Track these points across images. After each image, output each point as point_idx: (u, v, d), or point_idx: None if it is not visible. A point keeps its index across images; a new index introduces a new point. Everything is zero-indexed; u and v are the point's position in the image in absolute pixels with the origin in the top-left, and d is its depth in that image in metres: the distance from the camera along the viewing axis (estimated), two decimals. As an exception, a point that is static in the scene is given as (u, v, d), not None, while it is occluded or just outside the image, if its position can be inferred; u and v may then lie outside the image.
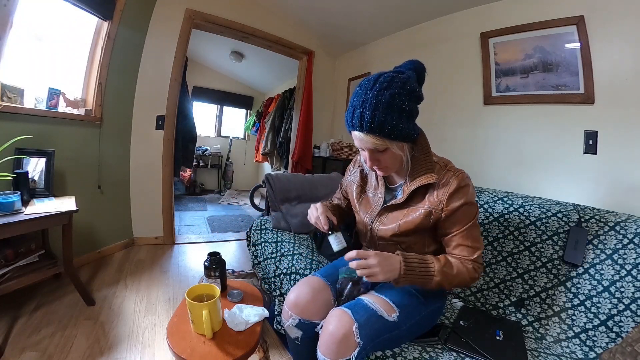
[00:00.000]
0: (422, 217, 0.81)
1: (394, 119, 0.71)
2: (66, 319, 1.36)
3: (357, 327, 0.72)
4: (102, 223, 2.05)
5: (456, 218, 0.80)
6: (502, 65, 1.72)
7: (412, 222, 0.82)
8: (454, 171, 0.81)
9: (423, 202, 0.81)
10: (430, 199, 0.80)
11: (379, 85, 0.71)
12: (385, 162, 0.80)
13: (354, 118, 0.73)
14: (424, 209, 0.81)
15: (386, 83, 0.71)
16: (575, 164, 1.43)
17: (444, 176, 0.81)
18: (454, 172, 0.81)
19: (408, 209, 0.84)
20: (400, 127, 0.72)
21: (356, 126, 0.73)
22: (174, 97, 2.34)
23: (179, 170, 2.84)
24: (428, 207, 0.80)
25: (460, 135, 1.94)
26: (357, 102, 0.73)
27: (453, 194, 0.78)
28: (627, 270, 0.93)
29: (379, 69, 2.62)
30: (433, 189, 0.81)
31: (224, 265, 1.04)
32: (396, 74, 0.75)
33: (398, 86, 0.71)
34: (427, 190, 0.82)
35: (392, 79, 0.72)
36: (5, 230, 1.13)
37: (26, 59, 1.60)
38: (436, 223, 0.82)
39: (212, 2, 2.37)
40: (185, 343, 0.79)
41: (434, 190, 0.80)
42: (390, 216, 0.87)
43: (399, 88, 0.71)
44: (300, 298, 0.88)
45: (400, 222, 0.83)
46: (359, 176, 0.99)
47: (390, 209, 0.87)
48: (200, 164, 4.88)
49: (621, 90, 1.29)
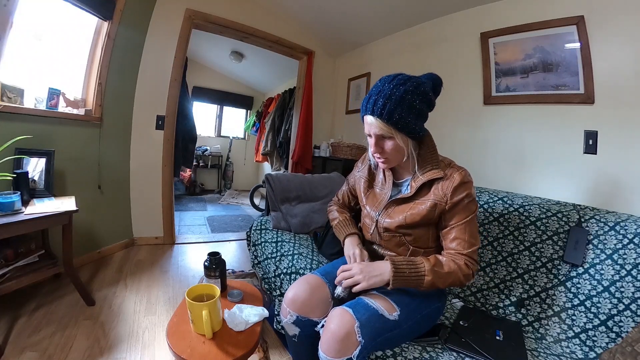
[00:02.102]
0: (428, 209, 0.85)
1: (403, 112, 0.78)
2: (66, 319, 1.36)
3: (359, 325, 0.73)
4: (102, 223, 2.05)
5: (457, 211, 0.84)
6: (502, 65, 1.72)
7: (419, 214, 0.86)
8: (457, 168, 0.87)
9: (429, 196, 0.86)
10: (435, 192, 0.85)
11: (397, 81, 0.80)
12: (388, 151, 0.84)
13: (369, 103, 0.81)
14: (430, 201, 0.85)
15: (403, 80, 0.79)
16: (575, 164, 1.43)
17: (448, 172, 0.86)
18: (457, 168, 0.87)
19: (414, 202, 0.88)
20: (407, 120, 0.79)
21: (369, 110, 0.81)
22: (174, 97, 2.34)
23: (179, 170, 2.84)
24: (433, 200, 0.85)
25: (460, 135, 1.94)
26: (375, 91, 0.81)
27: (457, 187, 0.83)
28: (627, 270, 0.93)
29: (379, 69, 2.66)
30: (438, 183, 0.86)
31: (224, 265, 1.04)
32: (414, 77, 0.83)
33: (412, 85, 0.79)
34: (432, 184, 0.87)
35: (409, 79, 0.80)
36: (5, 230, 1.13)
37: (26, 59, 1.60)
38: (440, 216, 0.86)
39: (212, 2, 2.37)
40: (185, 343, 0.79)
41: (439, 184, 0.85)
42: (397, 209, 0.90)
43: (413, 87, 0.79)
44: (298, 295, 0.90)
45: (407, 214, 0.88)
46: (367, 172, 1.03)
47: (397, 203, 0.91)
48: (200, 164, 4.88)
49: (621, 90, 1.29)
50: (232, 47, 3.87)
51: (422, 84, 0.81)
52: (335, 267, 0.99)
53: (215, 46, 3.92)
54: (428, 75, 0.87)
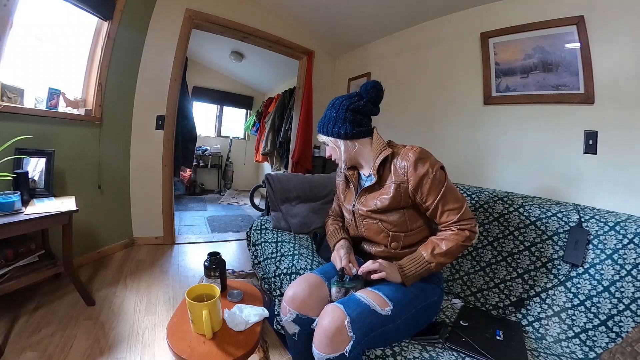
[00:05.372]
0: (394, 191, 0.92)
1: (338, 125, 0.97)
2: (66, 319, 1.36)
3: (349, 321, 0.75)
4: (102, 223, 2.05)
5: (427, 188, 0.89)
6: (502, 65, 1.72)
7: (387, 198, 0.93)
8: (411, 147, 0.94)
9: (391, 178, 0.94)
10: (395, 174, 0.93)
11: (331, 105, 1.00)
12: (340, 154, 1.01)
13: (319, 125, 1.03)
14: (393, 183, 0.93)
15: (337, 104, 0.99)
16: (575, 164, 1.43)
17: (401, 151, 0.94)
18: (412, 147, 0.94)
19: (382, 188, 0.96)
20: (336, 129, 0.97)
21: (319, 130, 1.04)
22: (174, 97, 2.34)
23: (179, 170, 2.84)
24: (396, 181, 0.93)
25: (460, 135, 1.94)
26: (323, 116, 1.03)
27: (414, 163, 0.89)
28: (627, 270, 0.93)
29: (378, 69, 2.67)
30: (394, 165, 0.94)
31: (224, 265, 1.04)
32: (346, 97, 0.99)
33: (344, 105, 0.97)
34: (392, 168, 0.95)
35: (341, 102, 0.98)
36: (5, 230, 1.13)
37: (26, 59, 1.60)
38: (409, 197, 0.92)
39: (212, 2, 2.37)
40: (185, 343, 0.79)
41: (395, 165, 0.94)
42: (369, 197, 0.99)
43: (343, 107, 0.97)
44: (298, 293, 0.91)
45: (377, 199, 0.95)
46: (344, 176, 1.13)
47: (367, 191, 1.00)
48: (200, 164, 4.88)
49: (621, 90, 1.29)
50: (232, 47, 3.87)
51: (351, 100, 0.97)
52: (334, 267, 1.00)
53: (215, 46, 3.92)
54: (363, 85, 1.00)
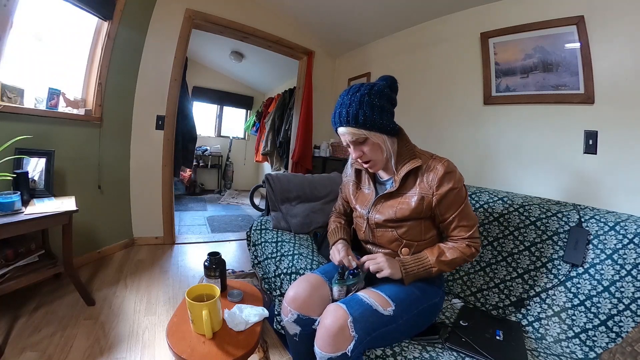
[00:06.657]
0: (417, 203, 0.88)
1: (366, 112, 0.84)
2: (66, 319, 1.36)
3: (352, 320, 0.75)
4: (102, 223, 2.05)
5: (448, 203, 0.87)
6: (502, 65, 1.72)
7: (408, 209, 0.89)
8: (439, 159, 0.90)
9: (415, 189, 0.90)
10: (421, 185, 0.89)
11: (352, 90, 0.88)
12: (368, 153, 0.89)
13: (336, 117, 0.88)
14: (417, 194, 0.89)
15: (357, 88, 0.87)
16: (575, 164, 1.43)
17: (430, 163, 0.89)
18: (440, 159, 0.90)
19: (402, 196, 0.91)
20: (373, 118, 0.84)
21: (338, 123, 0.88)
22: (174, 97, 2.34)
23: (179, 170, 2.84)
24: (420, 193, 0.89)
25: (460, 135, 1.94)
26: (338, 105, 0.89)
27: (442, 178, 0.86)
28: (627, 270, 0.93)
29: (379, 69, 2.66)
30: (422, 176, 0.89)
31: (224, 265, 1.04)
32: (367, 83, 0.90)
33: (367, 89, 0.86)
34: (417, 178, 0.90)
35: (362, 85, 0.88)
36: (5, 230, 1.13)
37: (26, 59, 1.60)
38: (431, 209, 0.89)
39: (212, 2, 2.37)
40: (185, 343, 0.79)
41: (422, 177, 0.89)
42: (386, 205, 0.94)
43: (367, 89, 0.86)
44: (299, 294, 0.91)
45: (397, 208, 0.91)
46: (354, 175, 1.07)
47: (385, 198, 0.94)
48: (200, 164, 4.88)
49: (621, 90, 1.29)
50: (232, 47, 3.87)
51: (375, 85, 0.88)
52: (335, 267, 1.00)
53: (215, 46, 3.92)
54: (381, 77, 0.93)
